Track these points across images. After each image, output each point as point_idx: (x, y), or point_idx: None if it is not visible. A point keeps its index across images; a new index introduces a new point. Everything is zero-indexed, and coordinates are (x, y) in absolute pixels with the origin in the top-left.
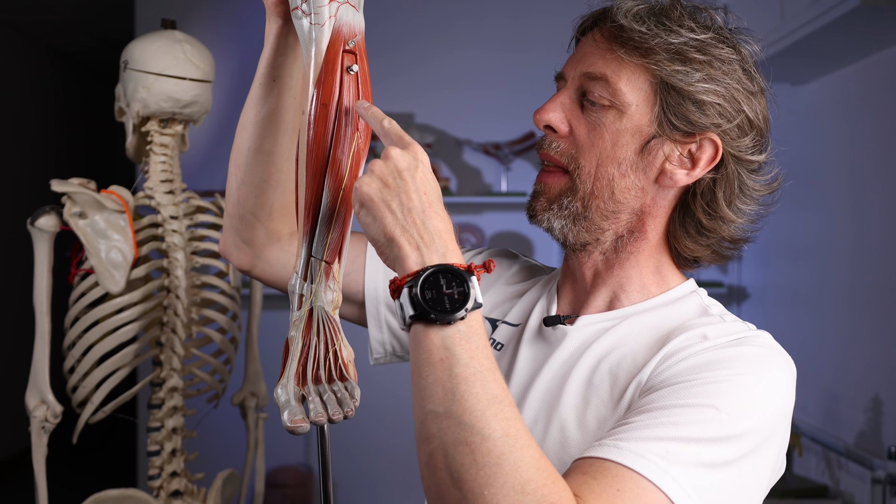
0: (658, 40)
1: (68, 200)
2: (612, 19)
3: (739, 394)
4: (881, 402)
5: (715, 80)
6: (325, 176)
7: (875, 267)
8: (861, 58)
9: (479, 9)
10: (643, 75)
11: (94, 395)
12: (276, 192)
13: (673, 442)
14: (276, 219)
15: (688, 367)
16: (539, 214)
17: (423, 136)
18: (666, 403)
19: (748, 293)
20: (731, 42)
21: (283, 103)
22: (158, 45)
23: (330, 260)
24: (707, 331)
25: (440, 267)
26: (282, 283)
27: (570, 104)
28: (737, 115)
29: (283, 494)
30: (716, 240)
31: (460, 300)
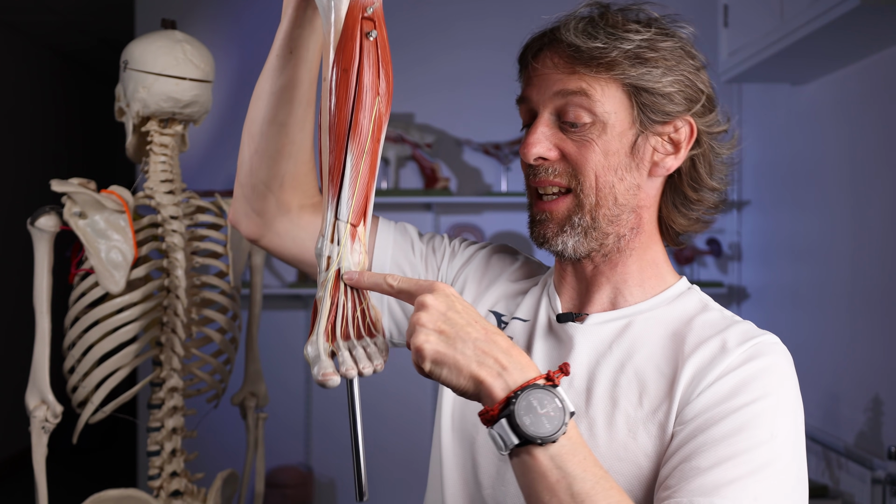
0: (616, 52)
1: (68, 200)
2: (566, 42)
3: (783, 414)
4: (881, 402)
5: (672, 70)
6: (347, 140)
7: (875, 267)
8: (861, 58)
9: (479, 9)
10: (613, 85)
11: (94, 395)
12: (289, 163)
13: (757, 485)
14: (287, 190)
15: (725, 393)
16: (552, 239)
17: (423, 136)
18: (731, 451)
19: (748, 293)
20: (669, 31)
21: (299, 76)
22: (158, 45)
23: (355, 222)
24: (725, 337)
25: (528, 388)
26: (288, 255)
27: (551, 130)
28: (698, 95)
29: (283, 494)
30: (702, 210)
31: (557, 416)
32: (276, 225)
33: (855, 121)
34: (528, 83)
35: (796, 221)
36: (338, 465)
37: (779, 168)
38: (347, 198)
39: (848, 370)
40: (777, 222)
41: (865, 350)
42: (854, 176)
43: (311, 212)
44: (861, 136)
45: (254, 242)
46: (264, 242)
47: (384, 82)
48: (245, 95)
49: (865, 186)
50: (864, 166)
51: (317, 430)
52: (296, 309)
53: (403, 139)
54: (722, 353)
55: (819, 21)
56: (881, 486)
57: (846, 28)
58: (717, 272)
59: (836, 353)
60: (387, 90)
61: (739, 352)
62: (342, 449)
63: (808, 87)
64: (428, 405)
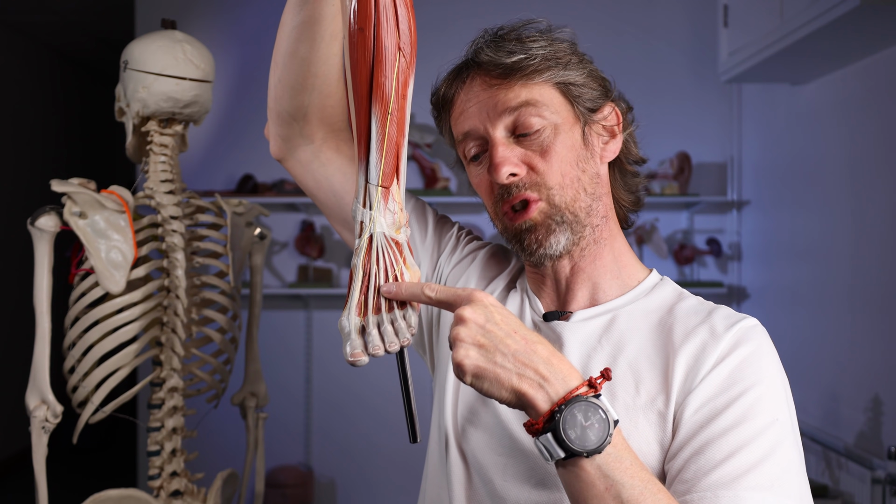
0: (538, 58)
1: (68, 200)
2: (491, 63)
3: (779, 390)
4: (881, 402)
5: (580, 65)
6: (371, 103)
7: (875, 267)
8: (861, 58)
9: (480, 9)
10: (547, 87)
11: (95, 395)
12: (312, 96)
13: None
14: (312, 121)
15: (722, 381)
16: (545, 242)
17: (423, 136)
18: (741, 439)
19: (748, 293)
20: (558, 37)
21: (321, 11)
22: (158, 45)
23: (386, 184)
24: (711, 324)
25: (572, 401)
26: (307, 186)
27: (510, 147)
28: (607, 83)
29: (283, 494)
30: (641, 182)
31: (602, 428)
32: (298, 153)
33: (855, 121)
34: (465, 115)
35: (796, 221)
36: (338, 465)
37: (779, 168)
38: (376, 161)
39: (848, 370)
40: (777, 222)
41: (865, 350)
42: (854, 176)
43: (334, 146)
44: (861, 136)
45: (279, 161)
46: (287, 165)
47: (407, 34)
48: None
49: (865, 186)
50: (864, 166)
51: (317, 429)
52: (296, 309)
53: None
54: (712, 341)
55: (819, 21)
56: (881, 485)
57: (846, 28)
58: (717, 272)
59: (836, 353)
60: (410, 41)
61: (728, 337)
62: (342, 449)
63: (808, 87)
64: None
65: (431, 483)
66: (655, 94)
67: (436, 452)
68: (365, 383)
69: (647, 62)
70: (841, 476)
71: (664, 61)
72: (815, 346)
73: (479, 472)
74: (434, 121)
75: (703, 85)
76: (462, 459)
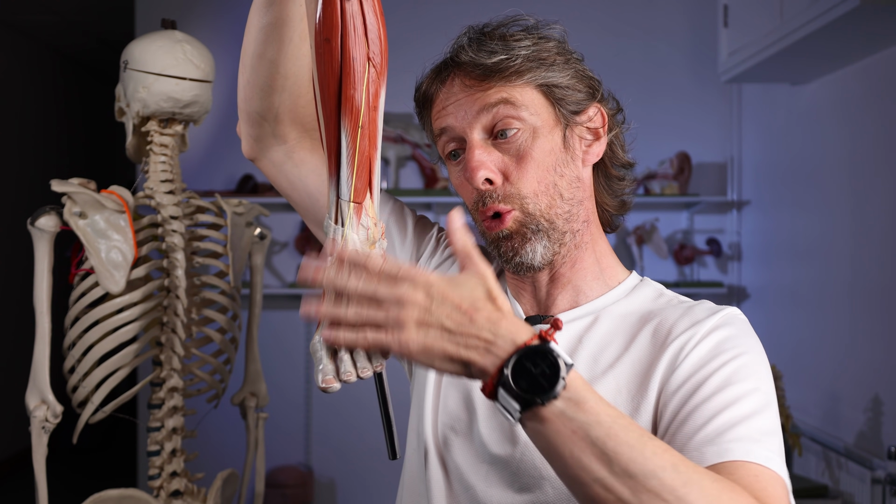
0: (520, 59)
1: (68, 200)
2: (471, 63)
3: (761, 365)
4: (881, 402)
5: (566, 65)
6: (339, 117)
7: (875, 267)
8: (861, 58)
9: (479, 9)
10: (528, 89)
11: (95, 395)
12: (283, 97)
13: (759, 423)
14: (283, 122)
15: (704, 355)
16: (520, 250)
17: (423, 136)
18: (724, 401)
19: (748, 293)
20: (546, 35)
21: (288, 12)
22: (158, 45)
23: (359, 199)
24: (694, 312)
25: (517, 355)
26: (281, 187)
27: (486, 150)
28: (595, 83)
29: (283, 494)
30: (626, 186)
31: (552, 372)
32: (271, 153)
33: (855, 121)
34: (443, 114)
35: (796, 221)
36: (338, 465)
37: (779, 168)
38: (347, 176)
39: (848, 370)
40: (777, 222)
41: (865, 350)
42: (854, 176)
43: (308, 147)
44: (861, 136)
45: (251, 161)
46: (260, 166)
47: (377, 43)
48: None
49: (865, 186)
50: (864, 166)
51: (317, 429)
52: (296, 309)
53: (403, 139)
54: (694, 326)
55: (819, 21)
56: (881, 485)
57: (846, 28)
58: (717, 272)
59: (836, 353)
60: (380, 50)
61: (710, 322)
62: (342, 449)
63: (808, 87)
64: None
65: (409, 492)
66: (655, 95)
67: (414, 461)
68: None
69: (647, 62)
70: (841, 476)
71: (664, 61)
72: (815, 346)
73: (461, 480)
74: (417, 117)
75: (703, 85)
76: (442, 468)
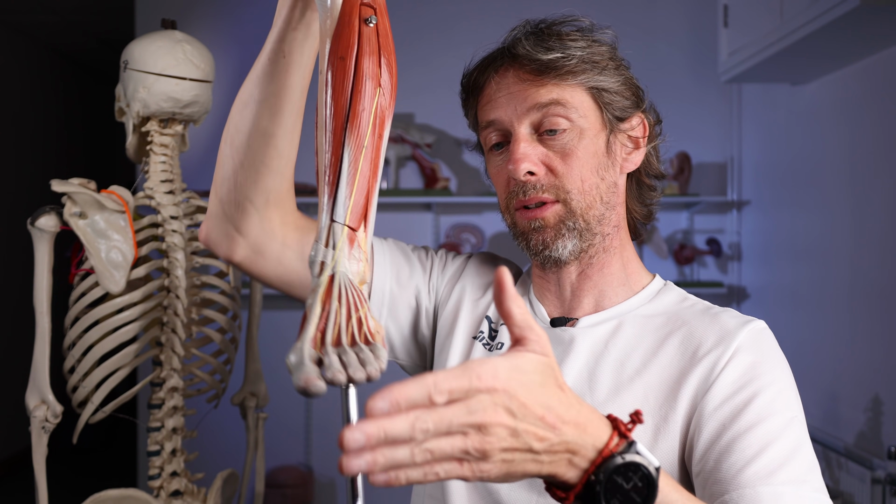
0: (575, 59)
1: (68, 200)
2: (527, 57)
3: (792, 388)
4: (881, 402)
5: (617, 70)
6: (345, 133)
7: (875, 267)
8: (861, 58)
9: (479, 9)
10: (579, 91)
11: (95, 395)
12: (275, 178)
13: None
14: (271, 207)
15: (738, 379)
16: (552, 244)
17: (423, 136)
18: (767, 437)
19: (748, 293)
20: (598, 39)
21: (290, 82)
22: (158, 45)
23: (354, 225)
24: (721, 325)
25: (606, 463)
26: (273, 275)
27: (532, 144)
28: (641, 92)
29: (283, 494)
30: (657, 196)
31: (645, 484)
32: (259, 244)
33: (855, 121)
34: (493, 104)
35: (796, 221)
36: (335, 464)
37: (779, 168)
38: (345, 197)
39: (848, 370)
40: (777, 222)
41: (865, 350)
42: (854, 176)
43: (295, 230)
44: (861, 136)
45: (230, 261)
46: (246, 264)
47: (386, 73)
48: None
49: (865, 186)
50: (864, 166)
51: (317, 430)
52: (296, 309)
53: (403, 139)
54: (724, 340)
55: (819, 21)
56: (881, 486)
57: (846, 28)
58: (717, 272)
59: (836, 353)
60: (390, 83)
61: (740, 337)
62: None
63: (808, 87)
64: None
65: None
66: (655, 95)
67: None
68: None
69: (647, 62)
70: (841, 476)
71: (664, 61)
72: (815, 346)
73: (484, 485)
74: (461, 102)
75: (703, 85)
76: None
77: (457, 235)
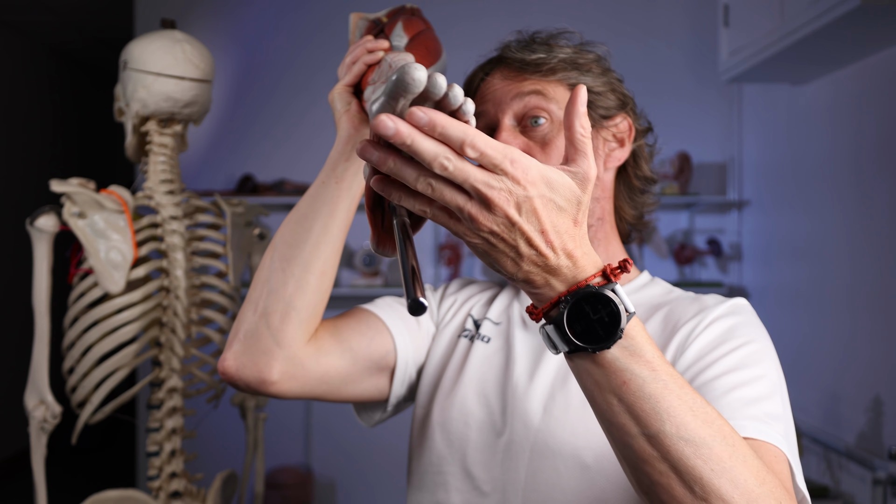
0: (556, 60)
1: (68, 200)
2: (512, 59)
3: (769, 354)
4: (882, 402)
5: (602, 75)
6: None
7: (875, 267)
8: (861, 58)
9: (479, 10)
10: (560, 87)
11: (94, 395)
12: (320, 288)
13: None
14: (313, 317)
15: (714, 339)
16: None
17: None
18: (737, 380)
19: (748, 293)
20: (588, 48)
21: (340, 205)
22: (158, 45)
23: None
24: (702, 301)
25: (578, 292)
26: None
27: (514, 134)
28: (627, 98)
29: (283, 495)
30: (648, 200)
31: (611, 321)
32: (298, 354)
33: (855, 121)
34: (482, 99)
35: (796, 221)
36: (338, 465)
37: (779, 168)
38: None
39: (848, 370)
40: (777, 222)
41: (865, 350)
42: (854, 176)
43: (328, 334)
44: (861, 136)
45: (261, 388)
46: (284, 379)
47: None
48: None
49: (865, 186)
50: (864, 166)
51: (317, 430)
52: None
53: None
54: (702, 312)
55: (819, 21)
56: (882, 486)
57: (846, 28)
58: (717, 272)
59: (836, 353)
60: None
61: (718, 309)
62: (342, 449)
63: (808, 87)
64: None
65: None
66: (655, 95)
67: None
68: None
69: (647, 62)
70: (842, 477)
71: (664, 61)
72: (815, 346)
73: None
74: None
75: (703, 85)
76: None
77: None
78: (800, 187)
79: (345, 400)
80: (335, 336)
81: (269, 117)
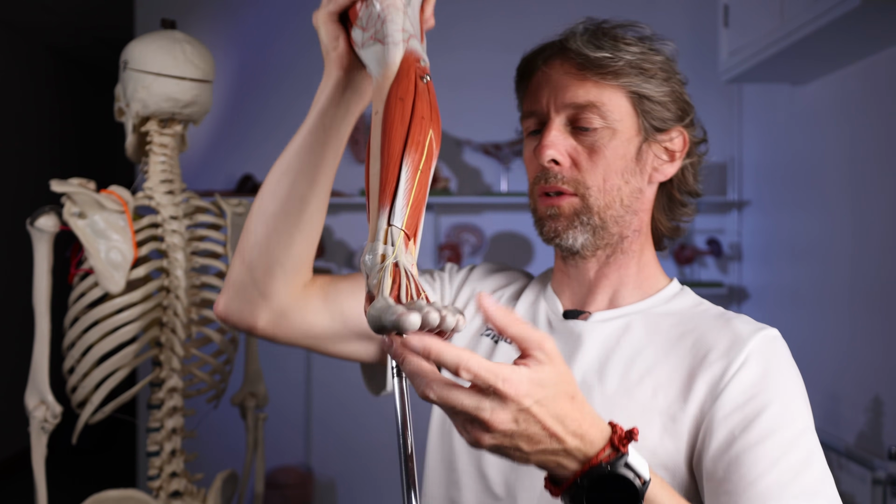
0: (622, 62)
1: (68, 200)
2: (575, 51)
3: (803, 399)
4: (881, 402)
5: (666, 82)
6: (403, 154)
7: (875, 267)
8: (861, 58)
9: (479, 10)
10: (619, 93)
11: (94, 395)
12: (306, 243)
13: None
14: (298, 270)
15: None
16: (563, 233)
17: None
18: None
19: (748, 293)
20: (657, 48)
21: (328, 154)
22: (158, 45)
23: (409, 232)
24: (734, 330)
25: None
26: (299, 334)
27: (563, 135)
28: (688, 108)
29: (283, 495)
30: (687, 213)
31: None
32: (284, 306)
33: (855, 121)
34: (537, 89)
35: (796, 221)
36: (338, 465)
37: (779, 168)
38: (402, 205)
39: (848, 370)
40: (777, 222)
41: (865, 350)
42: (854, 176)
43: (317, 289)
44: (861, 136)
45: (251, 331)
46: (270, 328)
47: (436, 122)
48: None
49: (865, 186)
50: (865, 166)
51: (317, 430)
52: None
53: None
54: (737, 345)
55: (819, 21)
56: (882, 486)
57: (846, 28)
58: (717, 272)
59: (836, 353)
60: (435, 137)
61: (751, 343)
62: (342, 449)
63: (808, 87)
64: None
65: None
66: None
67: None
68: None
69: None
70: (841, 476)
71: None
72: (815, 346)
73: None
74: (515, 84)
75: (703, 85)
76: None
77: (457, 235)
78: (800, 187)
79: (335, 356)
80: (327, 295)
81: (269, 117)
